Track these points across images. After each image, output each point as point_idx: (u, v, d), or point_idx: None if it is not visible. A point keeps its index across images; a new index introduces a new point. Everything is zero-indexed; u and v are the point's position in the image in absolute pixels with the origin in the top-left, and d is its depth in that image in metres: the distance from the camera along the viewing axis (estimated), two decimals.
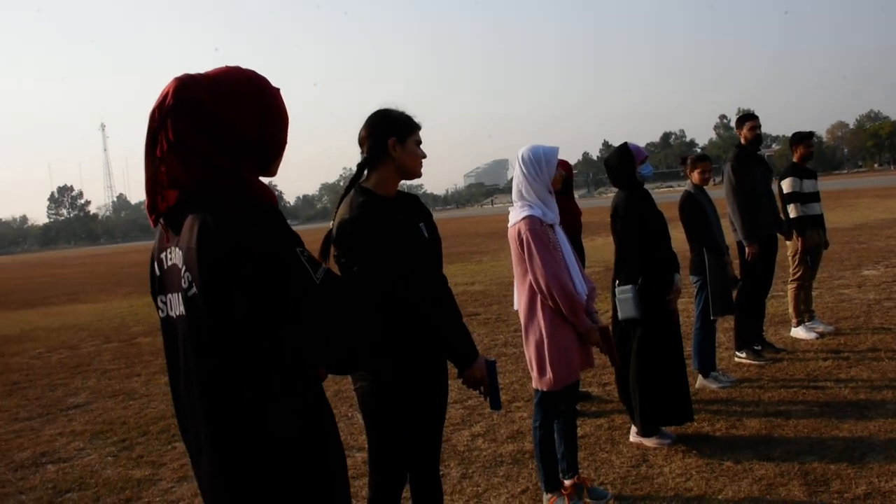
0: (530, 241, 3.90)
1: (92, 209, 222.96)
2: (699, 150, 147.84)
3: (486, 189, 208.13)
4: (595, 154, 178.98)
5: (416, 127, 3.07)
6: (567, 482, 4.13)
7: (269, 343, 1.76)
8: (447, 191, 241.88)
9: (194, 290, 1.74)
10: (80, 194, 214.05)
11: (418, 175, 3.11)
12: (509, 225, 4.05)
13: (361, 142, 3.06)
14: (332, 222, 3.01)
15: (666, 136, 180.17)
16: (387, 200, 2.98)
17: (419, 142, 3.07)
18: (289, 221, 1.87)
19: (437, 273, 3.16)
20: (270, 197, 1.88)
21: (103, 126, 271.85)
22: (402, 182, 3.15)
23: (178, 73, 1.90)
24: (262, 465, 1.78)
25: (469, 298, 12.59)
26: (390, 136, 2.98)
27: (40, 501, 4.98)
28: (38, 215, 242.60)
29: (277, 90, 1.95)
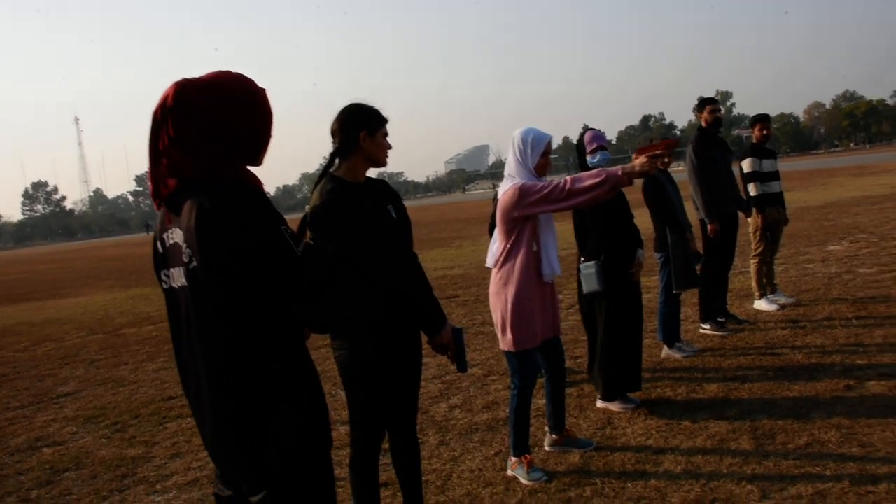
0: (528, 190, 4.06)
1: (68, 205, 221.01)
2: (678, 132, 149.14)
3: (467, 175, 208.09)
4: (575, 137, 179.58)
5: (385, 121, 3.37)
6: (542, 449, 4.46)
7: (259, 306, 2.05)
8: (428, 177, 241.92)
9: (195, 263, 2.04)
10: (56, 190, 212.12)
11: (384, 164, 3.42)
12: (499, 195, 4.31)
13: (333, 133, 3.34)
14: (307, 207, 3.31)
15: (646, 118, 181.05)
16: (356, 186, 3.27)
17: (386, 134, 3.37)
18: None
19: (406, 250, 3.45)
20: (257, 182, 2.19)
21: (77, 120, 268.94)
22: (385, 171, 3.44)
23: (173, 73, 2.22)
24: (259, 413, 2.07)
25: (449, 282, 12.92)
26: (361, 129, 3.28)
27: (39, 481, 5.22)
28: (13, 212, 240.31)
29: (263, 90, 2.25)
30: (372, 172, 3.47)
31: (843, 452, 4.13)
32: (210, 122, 2.12)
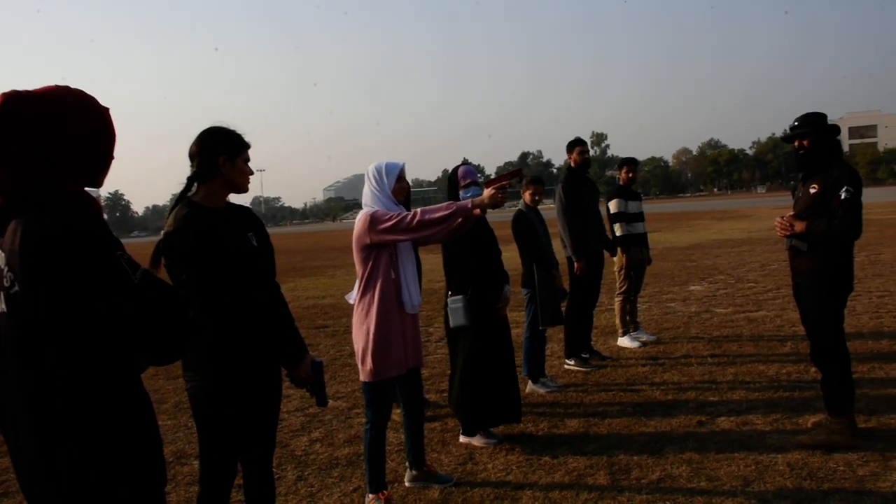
0: (378, 218, 4.07)
1: None
2: (554, 170, 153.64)
3: (345, 203, 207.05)
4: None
5: (246, 146, 3.26)
6: (409, 478, 4.39)
7: (86, 336, 1.92)
8: (306, 204, 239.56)
9: (16, 288, 1.89)
10: None
11: (245, 190, 3.30)
12: (355, 224, 4.26)
13: (192, 156, 3.21)
14: (161, 233, 3.16)
15: (524, 155, 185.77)
16: (213, 212, 3.14)
17: (248, 160, 3.26)
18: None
19: (268, 279, 3.34)
20: (94, 205, 2.06)
21: None
22: (261, 196, 3.31)
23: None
24: (79, 450, 1.93)
25: (319, 311, 12.72)
26: (221, 154, 3.16)
27: None
28: None
29: (106, 109, 2.13)
30: (247, 198, 3.36)
31: (693, 486, 4.27)
32: (42, 138, 1.98)
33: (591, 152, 7.92)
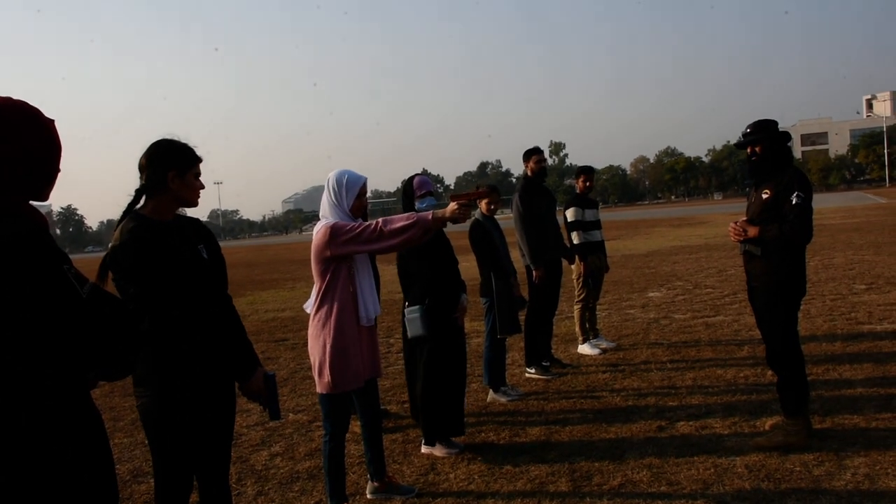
0: (340, 229, 4.04)
1: None
2: (513, 180, 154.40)
3: (304, 215, 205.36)
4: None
5: (197, 160, 3.21)
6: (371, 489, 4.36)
7: (34, 351, 1.87)
8: (264, 216, 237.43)
9: None
10: None
11: (195, 205, 3.25)
12: (313, 236, 4.23)
13: (141, 168, 3.15)
14: (108, 246, 3.10)
15: (483, 164, 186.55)
16: (161, 225, 3.09)
17: (198, 174, 3.21)
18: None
19: (220, 292, 3.29)
20: (40, 219, 2.01)
21: None
22: (219, 209, 3.26)
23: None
24: (25, 471, 1.88)
25: (279, 324, 12.60)
26: (171, 169, 3.11)
27: None
28: None
29: (51, 121, 2.08)
30: (204, 211, 3.30)
31: (653, 491, 4.30)
32: None
33: (550, 161, 8.08)
